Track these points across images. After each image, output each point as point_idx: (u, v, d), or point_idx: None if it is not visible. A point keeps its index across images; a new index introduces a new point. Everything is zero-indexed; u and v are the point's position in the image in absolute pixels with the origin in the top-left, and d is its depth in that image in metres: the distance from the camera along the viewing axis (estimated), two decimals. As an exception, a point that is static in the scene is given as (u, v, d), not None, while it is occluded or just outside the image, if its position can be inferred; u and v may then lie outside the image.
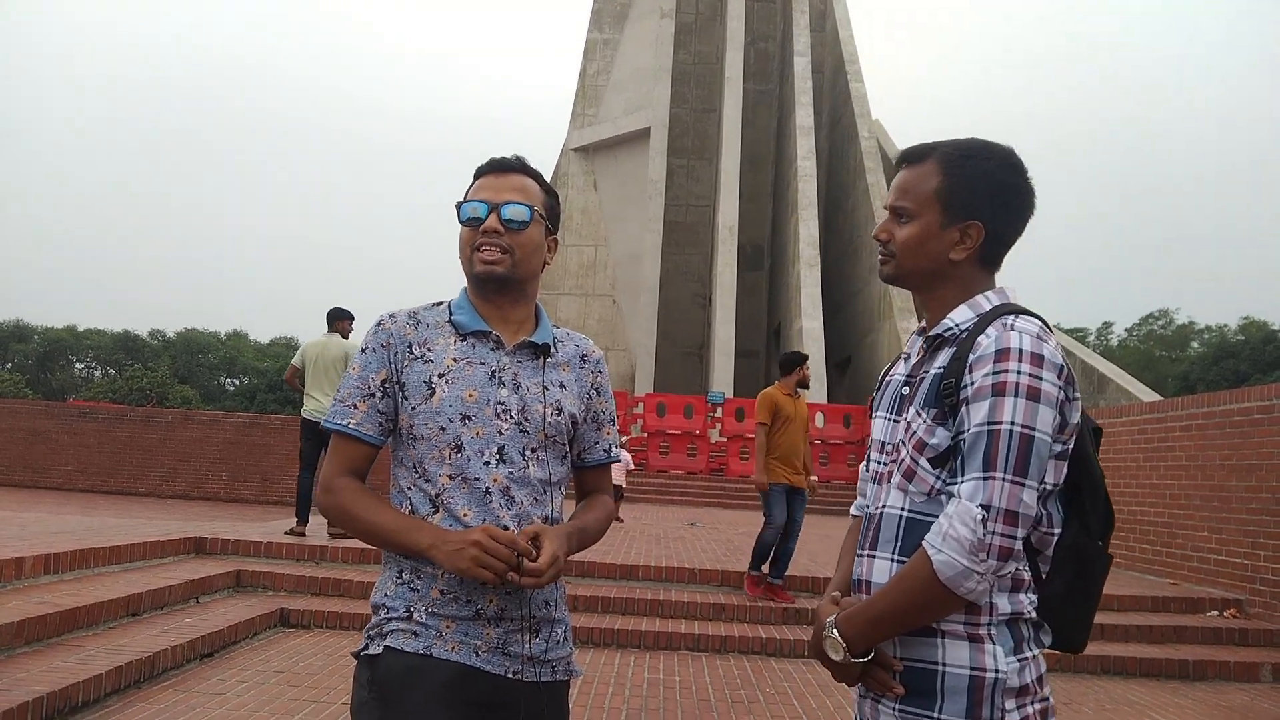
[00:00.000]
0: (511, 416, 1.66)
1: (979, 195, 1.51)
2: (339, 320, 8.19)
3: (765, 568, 6.88)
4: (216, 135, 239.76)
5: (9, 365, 61.93)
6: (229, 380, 68.26)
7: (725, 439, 19.43)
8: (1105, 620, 6.64)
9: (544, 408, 1.69)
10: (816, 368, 21.84)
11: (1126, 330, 64.09)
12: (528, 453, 1.67)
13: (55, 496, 16.73)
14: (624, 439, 17.44)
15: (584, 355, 1.81)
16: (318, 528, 7.87)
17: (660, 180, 29.63)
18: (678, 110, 32.93)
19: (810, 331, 22.82)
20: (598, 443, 1.82)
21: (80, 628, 4.79)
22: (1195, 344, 58.21)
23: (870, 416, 1.67)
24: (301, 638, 5.73)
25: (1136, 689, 5.71)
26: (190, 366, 64.20)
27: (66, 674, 4.06)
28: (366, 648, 1.64)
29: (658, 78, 30.66)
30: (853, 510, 1.72)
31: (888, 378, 1.65)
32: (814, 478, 7.44)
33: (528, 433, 1.67)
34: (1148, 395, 17.30)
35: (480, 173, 1.77)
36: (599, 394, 1.81)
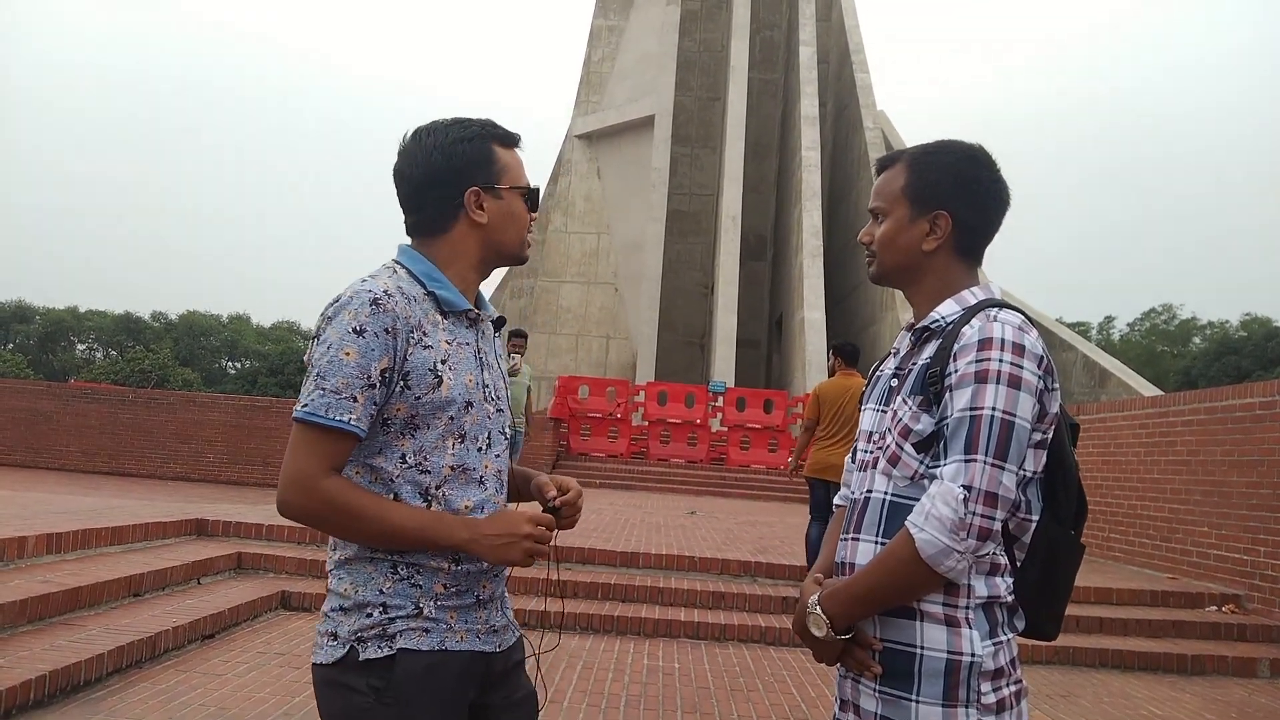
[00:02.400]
0: (494, 398, 1.63)
1: (943, 186, 1.60)
2: None
3: None
4: (222, 121, 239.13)
5: (11, 345, 61.96)
6: (231, 363, 68.33)
7: (726, 428, 19.43)
8: (1104, 614, 6.66)
9: (505, 384, 1.70)
10: (818, 359, 21.81)
11: (1129, 325, 64.09)
12: (503, 433, 1.66)
13: (57, 477, 16.75)
14: None
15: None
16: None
17: (664, 168, 29.52)
18: (682, 98, 32.78)
19: (813, 322, 22.77)
20: None
21: (82, 607, 4.81)
22: (1197, 339, 58.16)
23: (860, 410, 1.73)
24: (302, 620, 5.74)
25: (1134, 683, 5.72)
26: (192, 349, 64.26)
27: (69, 653, 4.08)
28: (354, 651, 1.48)
29: (662, 65, 30.52)
30: (837, 500, 1.78)
31: (878, 372, 1.71)
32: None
33: (502, 411, 1.66)
34: (1149, 390, 17.29)
35: (509, 143, 1.67)
36: None
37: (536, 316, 30.78)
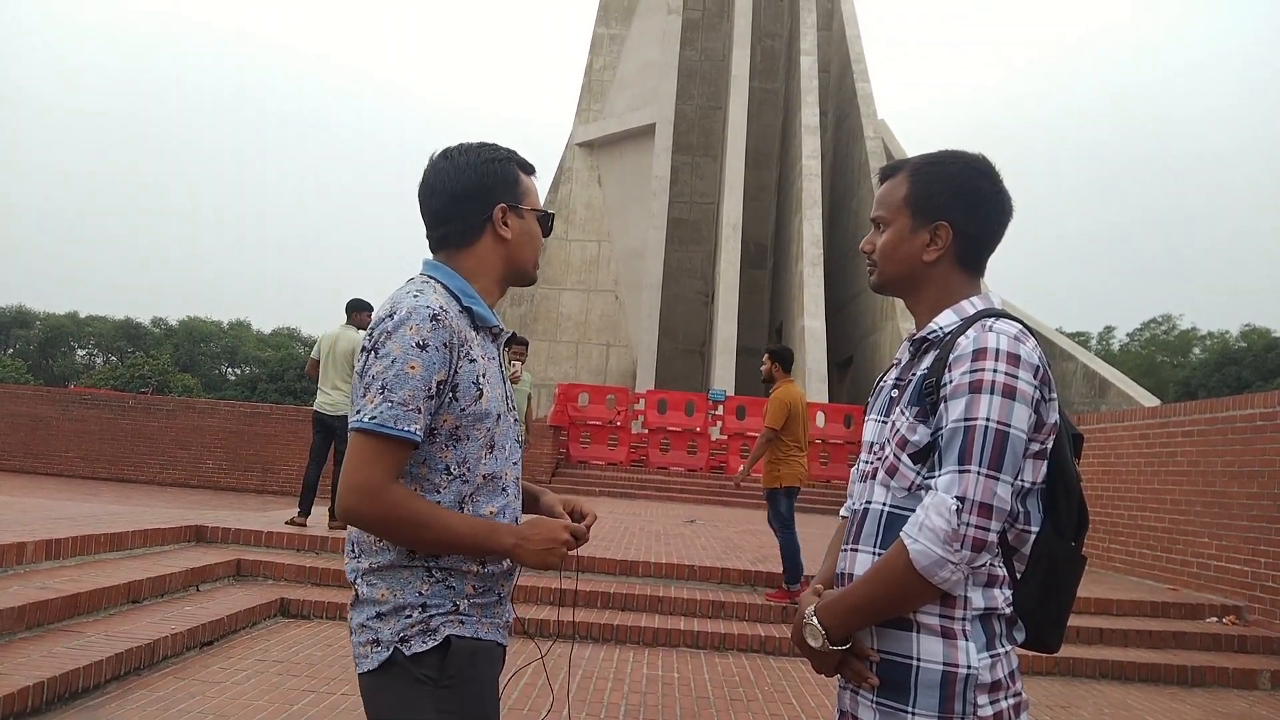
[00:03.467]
0: (512, 409, 1.74)
1: (944, 197, 1.60)
2: (357, 312, 7.97)
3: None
4: (221, 126, 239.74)
5: (10, 351, 61.96)
6: (230, 369, 68.28)
7: (726, 437, 19.40)
8: (1104, 625, 6.65)
9: (514, 394, 1.80)
10: (818, 367, 21.80)
11: (1128, 335, 64.05)
12: (518, 442, 1.76)
13: (56, 483, 16.73)
14: None
15: None
16: (319, 518, 7.87)
17: (665, 177, 29.56)
18: (683, 107, 32.85)
19: (812, 331, 22.78)
20: None
21: (81, 614, 4.80)
22: (1197, 350, 58.15)
23: (865, 421, 1.74)
24: (301, 627, 5.73)
25: (1135, 694, 5.71)
26: (192, 355, 64.24)
27: (67, 660, 4.07)
28: (399, 651, 1.56)
29: (664, 74, 30.59)
30: (841, 512, 1.78)
31: (881, 383, 1.72)
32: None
33: (518, 421, 1.76)
34: (1149, 400, 17.29)
35: (528, 170, 1.79)
36: None
37: (537, 324, 30.79)
